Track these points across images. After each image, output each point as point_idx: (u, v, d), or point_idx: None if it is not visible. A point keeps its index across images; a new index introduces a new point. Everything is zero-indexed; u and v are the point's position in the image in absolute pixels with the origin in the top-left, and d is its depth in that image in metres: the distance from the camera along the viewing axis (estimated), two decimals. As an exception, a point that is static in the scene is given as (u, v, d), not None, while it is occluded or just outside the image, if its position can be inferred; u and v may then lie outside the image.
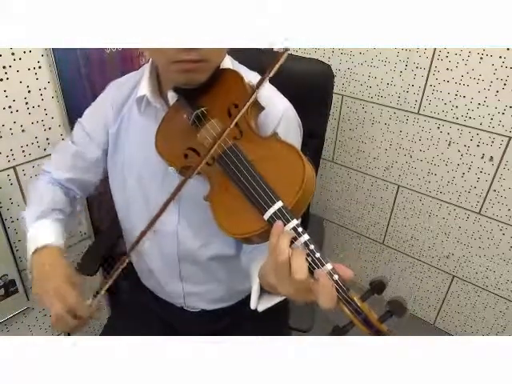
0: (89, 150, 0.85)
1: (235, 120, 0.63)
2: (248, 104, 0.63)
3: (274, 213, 0.54)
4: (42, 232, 0.79)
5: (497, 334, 1.56)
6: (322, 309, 0.51)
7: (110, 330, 0.98)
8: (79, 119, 0.87)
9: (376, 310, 0.52)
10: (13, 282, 1.14)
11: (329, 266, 0.52)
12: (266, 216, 0.54)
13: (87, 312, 0.69)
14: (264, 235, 0.56)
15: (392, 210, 1.64)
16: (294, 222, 0.53)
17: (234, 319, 0.94)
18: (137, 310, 0.99)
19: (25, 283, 1.17)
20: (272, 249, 0.53)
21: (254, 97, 0.64)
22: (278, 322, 0.93)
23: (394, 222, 1.66)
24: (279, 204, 0.54)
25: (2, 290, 1.12)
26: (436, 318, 1.72)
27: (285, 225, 0.53)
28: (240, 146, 0.62)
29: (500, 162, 1.31)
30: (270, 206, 0.54)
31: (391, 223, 1.67)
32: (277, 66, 0.62)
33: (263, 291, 0.63)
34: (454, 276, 1.58)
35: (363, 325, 0.52)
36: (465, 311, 1.62)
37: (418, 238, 1.62)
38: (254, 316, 0.62)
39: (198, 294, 0.91)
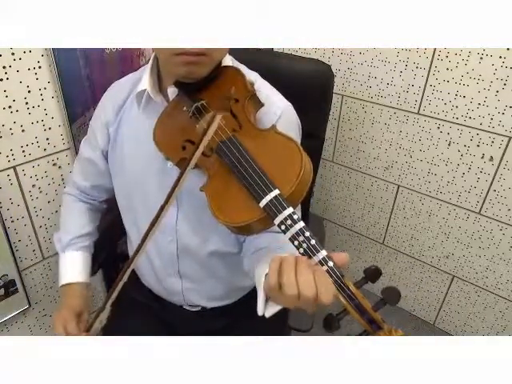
0: (98, 155, 0.87)
1: (230, 100, 0.64)
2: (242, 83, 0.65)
3: (270, 200, 0.54)
4: (68, 268, 0.90)
5: (497, 334, 1.56)
6: (323, 304, 0.51)
7: (110, 329, 0.98)
8: (90, 122, 0.90)
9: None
10: (13, 282, 1.14)
11: (323, 253, 0.53)
12: (262, 204, 0.55)
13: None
14: (260, 223, 0.57)
15: (392, 210, 1.64)
16: (290, 210, 0.54)
17: (233, 319, 0.94)
18: (137, 310, 0.99)
19: (25, 283, 1.17)
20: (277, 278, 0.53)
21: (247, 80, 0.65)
22: (277, 321, 0.92)
23: (394, 222, 1.66)
24: (276, 192, 0.54)
25: (2, 290, 1.12)
26: (436, 318, 1.72)
27: (280, 212, 0.54)
28: (239, 138, 0.62)
29: (500, 162, 1.31)
30: (266, 194, 0.54)
31: (391, 223, 1.67)
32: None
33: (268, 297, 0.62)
34: (454, 276, 1.58)
35: (357, 312, 0.53)
36: (465, 311, 1.61)
37: (418, 238, 1.62)
38: (254, 316, 0.62)
39: (197, 290, 0.91)
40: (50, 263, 1.24)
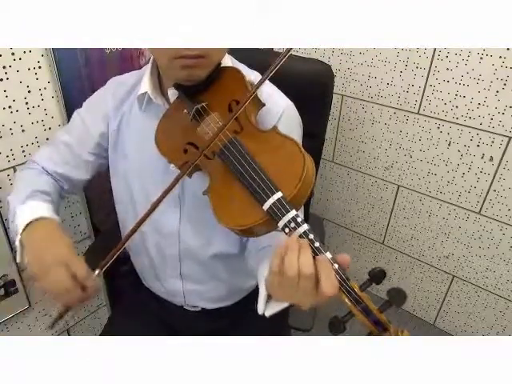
0: (83, 145, 0.83)
1: (237, 113, 0.63)
2: (249, 98, 0.63)
3: (274, 203, 0.54)
4: (34, 208, 0.73)
5: (497, 334, 1.56)
6: (326, 297, 0.51)
7: (110, 329, 0.98)
8: (78, 110, 0.86)
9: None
10: (13, 282, 1.14)
11: (328, 255, 0.52)
12: (266, 206, 0.54)
13: (94, 284, 0.63)
14: (263, 226, 0.57)
15: (392, 210, 1.64)
16: (293, 213, 0.53)
17: (234, 319, 0.94)
18: (137, 310, 0.99)
19: (25, 283, 1.17)
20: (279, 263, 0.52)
21: (255, 92, 0.64)
22: (277, 321, 0.93)
23: (394, 222, 1.66)
24: (279, 194, 0.54)
25: (2, 290, 1.12)
26: (436, 318, 1.72)
27: (283, 215, 0.53)
28: (240, 140, 0.62)
29: (500, 162, 1.31)
30: (269, 197, 0.54)
31: (391, 223, 1.67)
32: (279, 64, 0.62)
33: (270, 296, 0.62)
34: (453, 276, 1.58)
35: (363, 314, 0.52)
36: (465, 311, 1.61)
37: (418, 238, 1.62)
38: (254, 316, 0.62)
39: (198, 292, 0.91)
40: (50, 263, 1.24)
